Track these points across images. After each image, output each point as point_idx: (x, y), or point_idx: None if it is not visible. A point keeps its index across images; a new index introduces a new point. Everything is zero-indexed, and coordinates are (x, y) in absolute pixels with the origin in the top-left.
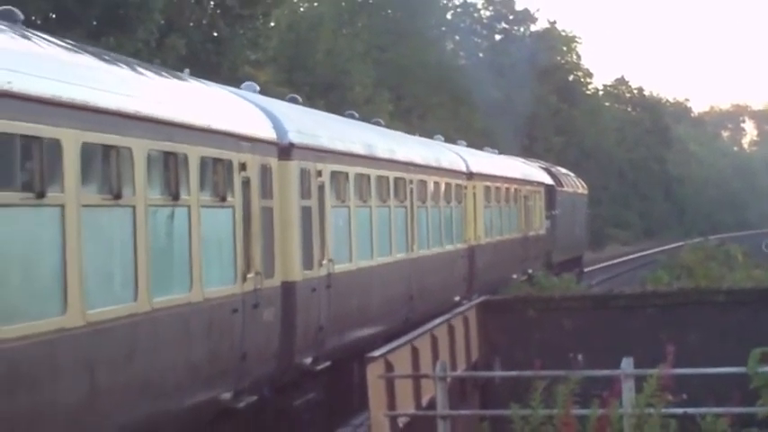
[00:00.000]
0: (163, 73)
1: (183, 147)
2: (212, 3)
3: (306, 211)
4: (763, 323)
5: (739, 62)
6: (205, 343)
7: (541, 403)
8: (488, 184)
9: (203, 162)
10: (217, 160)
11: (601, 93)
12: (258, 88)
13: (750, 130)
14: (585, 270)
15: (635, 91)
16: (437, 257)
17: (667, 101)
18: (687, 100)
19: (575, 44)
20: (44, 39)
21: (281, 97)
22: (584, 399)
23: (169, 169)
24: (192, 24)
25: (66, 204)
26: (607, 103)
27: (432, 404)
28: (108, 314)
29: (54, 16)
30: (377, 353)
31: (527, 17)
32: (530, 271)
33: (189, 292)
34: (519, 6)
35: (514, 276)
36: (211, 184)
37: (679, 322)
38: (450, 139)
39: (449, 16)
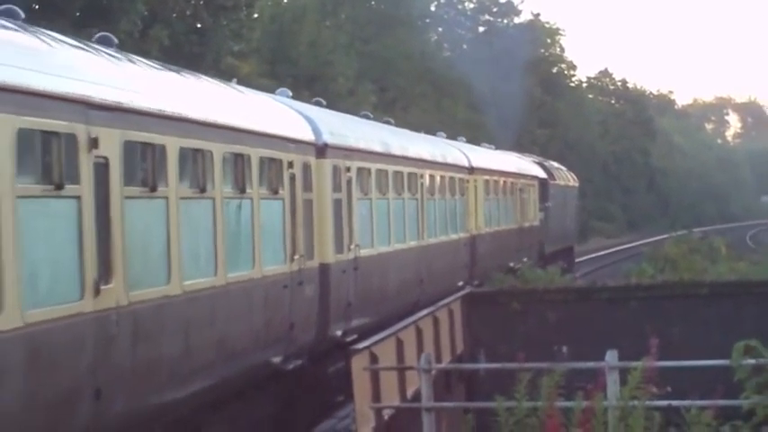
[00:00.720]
0: (223, 85)
1: (248, 149)
2: None
3: (337, 203)
4: (746, 316)
5: (723, 55)
6: (263, 313)
7: (526, 395)
8: (488, 177)
9: (262, 161)
10: (272, 160)
11: (584, 85)
12: (290, 93)
13: (734, 123)
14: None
15: (619, 83)
16: (443, 245)
17: (651, 93)
18: (671, 92)
19: (558, 36)
20: (146, 63)
21: (266, 89)
22: (568, 391)
23: (237, 168)
24: (175, 15)
25: (168, 197)
26: (591, 96)
27: (417, 396)
28: (197, 285)
29: (37, 7)
30: (361, 345)
31: (511, 9)
32: (524, 259)
33: (252, 270)
34: None
35: (511, 264)
36: (267, 180)
37: (663, 315)
38: (450, 136)
39: (432, 8)
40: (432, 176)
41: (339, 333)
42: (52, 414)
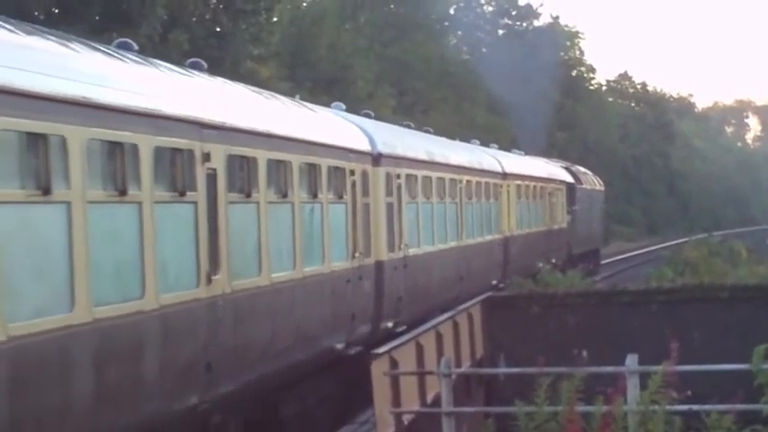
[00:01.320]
0: (295, 103)
1: (319, 159)
2: None
3: (389, 206)
4: (766, 320)
5: (743, 58)
6: (331, 304)
7: (546, 400)
8: (519, 182)
9: (329, 170)
10: (337, 168)
11: (604, 88)
12: (344, 107)
13: (754, 126)
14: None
15: (638, 86)
16: (480, 246)
17: (671, 96)
18: (691, 95)
19: (578, 39)
20: (233, 85)
21: (285, 93)
22: (588, 395)
23: (311, 176)
24: (194, 19)
25: (259, 202)
26: (610, 99)
27: (436, 401)
28: (281, 278)
29: (57, 11)
30: (381, 349)
31: (530, 12)
32: (553, 260)
33: (322, 266)
34: (522, 1)
35: (540, 265)
36: (334, 186)
37: (683, 319)
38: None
39: (452, 11)
40: (469, 182)
41: (390, 325)
42: (178, 380)
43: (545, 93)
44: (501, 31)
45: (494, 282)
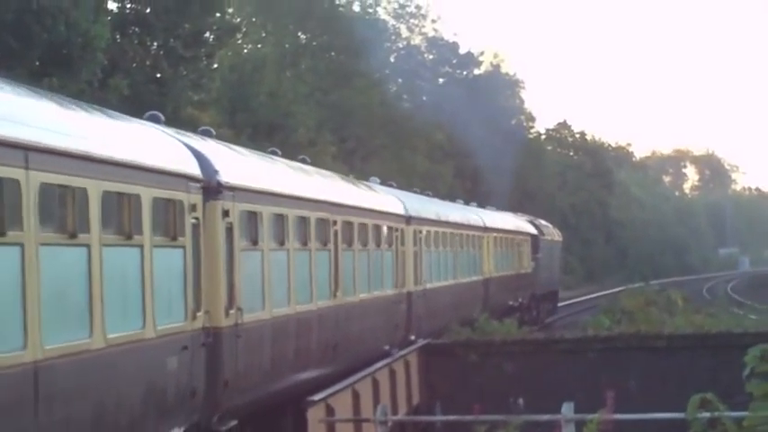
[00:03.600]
0: (354, 182)
1: (382, 222)
2: (156, 43)
3: (416, 253)
4: (703, 368)
5: (681, 108)
6: (384, 318)
7: None
8: (495, 235)
9: (389, 229)
10: (390, 227)
11: (543, 137)
12: (379, 180)
13: (691, 175)
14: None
15: (577, 135)
16: (468, 284)
17: (609, 145)
18: (629, 144)
19: (518, 88)
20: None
21: (226, 139)
22: None
23: (378, 234)
24: (135, 65)
25: (290, 250)
26: (549, 147)
27: None
28: (364, 297)
29: None
30: (317, 396)
31: (471, 61)
32: (520, 300)
33: (381, 291)
34: (463, 50)
35: (510, 303)
36: (387, 239)
37: (620, 367)
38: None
39: (392, 59)
40: (461, 235)
41: (413, 337)
42: (316, 357)
43: (486, 141)
44: (441, 80)
45: (475, 314)
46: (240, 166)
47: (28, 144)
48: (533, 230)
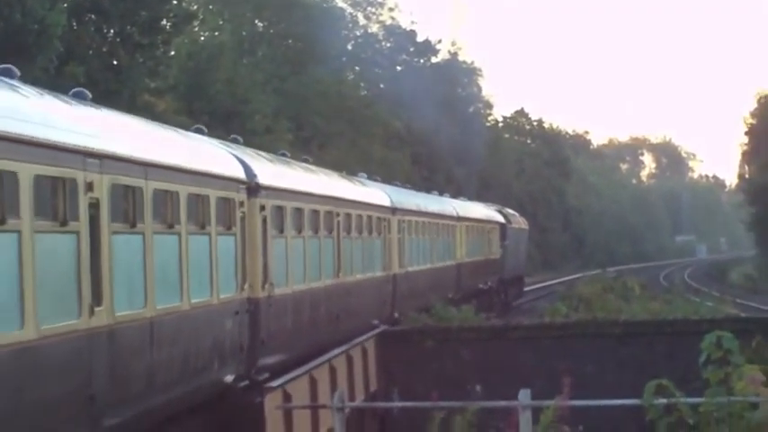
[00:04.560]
0: (324, 172)
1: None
2: (112, 31)
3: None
4: (659, 355)
5: (638, 95)
6: (374, 296)
7: None
8: (467, 224)
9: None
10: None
11: (500, 125)
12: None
13: (648, 163)
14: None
15: (534, 123)
16: (443, 268)
17: (567, 133)
18: (586, 132)
19: (476, 76)
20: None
21: (182, 126)
22: (481, 430)
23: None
24: (91, 52)
25: (305, 237)
26: (507, 135)
27: None
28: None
29: None
30: (274, 383)
31: (428, 49)
32: (489, 283)
33: (371, 274)
34: (420, 38)
35: (481, 285)
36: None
37: (576, 354)
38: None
39: (350, 47)
40: (437, 224)
41: (396, 314)
42: (323, 324)
43: (443, 129)
44: (399, 68)
45: (450, 295)
46: (269, 169)
47: (147, 161)
48: (501, 219)
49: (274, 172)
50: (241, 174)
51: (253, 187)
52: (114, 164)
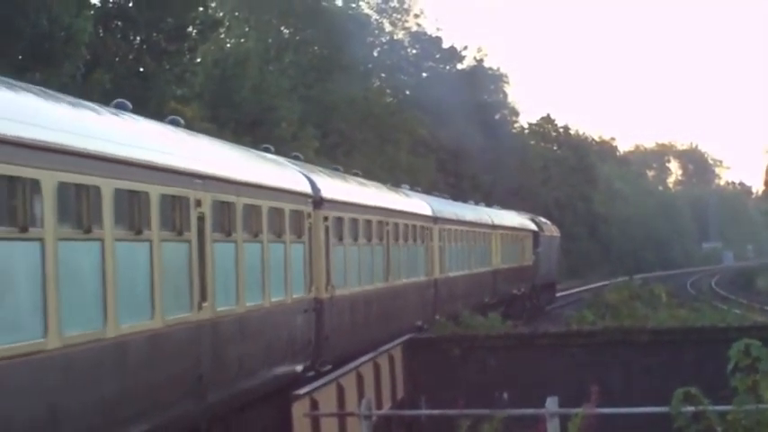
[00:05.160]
0: (375, 185)
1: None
2: (138, 38)
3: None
4: (686, 363)
5: (664, 102)
6: (417, 299)
7: None
8: (502, 232)
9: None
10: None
11: (527, 131)
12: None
13: (675, 170)
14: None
15: (560, 129)
16: (479, 274)
17: (593, 139)
18: (613, 139)
19: (502, 83)
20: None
21: (209, 133)
22: None
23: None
24: (117, 59)
25: (359, 245)
26: (533, 142)
27: None
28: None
29: None
30: (302, 390)
31: (454, 55)
32: (522, 289)
33: (415, 278)
34: (446, 44)
35: (514, 291)
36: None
37: (603, 361)
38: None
39: (375, 53)
40: (474, 232)
41: (437, 316)
42: (375, 323)
43: (468, 136)
44: (425, 74)
45: (486, 300)
46: (330, 184)
47: (239, 181)
48: (534, 227)
49: (334, 186)
50: (308, 189)
51: (318, 200)
52: (215, 184)
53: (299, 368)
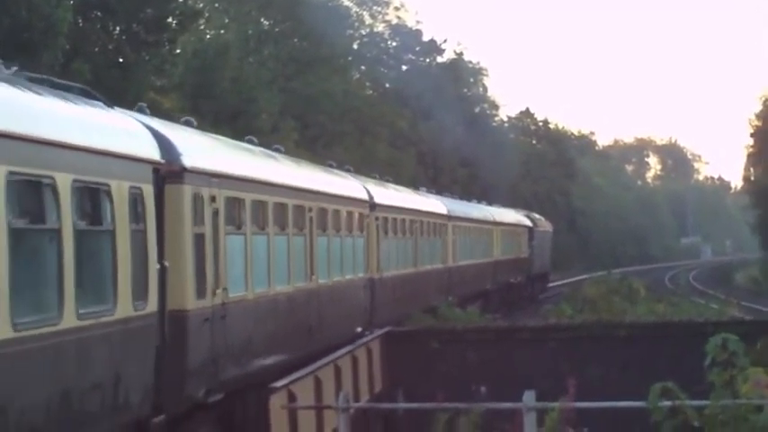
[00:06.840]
0: (404, 190)
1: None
2: (118, 28)
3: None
4: (664, 357)
5: (644, 97)
6: (436, 283)
7: None
8: (502, 227)
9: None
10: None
11: (506, 125)
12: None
13: (654, 165)
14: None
15: (540, 123)
16: (479, 264)
17: (572, 134)
18: (592, 133)
19: (481, 76)
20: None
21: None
22: (486, 431)
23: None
24: (97, 49)
25: (398, 238)
26: (512, 136)
27: None
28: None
29: None
30: (279, 383)
31: (434, 48)
32: (518, 278)
33: (435, 266)
34: (426, 37)
35: (511, 280)
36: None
37: (581, 355)
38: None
39: (355, 46)
40: (479, 228)
41: (451, 298)
42: (405, 300)
43: (448, 129)
44: (405, 67)
45: (487, 286)
46: (379, 191)
47: (329, 193)
48: (529, 223)
49: (382, 193)
50: (366, 196)
51: (372, 205)
52: (316, 196)
53: (359, 329)
